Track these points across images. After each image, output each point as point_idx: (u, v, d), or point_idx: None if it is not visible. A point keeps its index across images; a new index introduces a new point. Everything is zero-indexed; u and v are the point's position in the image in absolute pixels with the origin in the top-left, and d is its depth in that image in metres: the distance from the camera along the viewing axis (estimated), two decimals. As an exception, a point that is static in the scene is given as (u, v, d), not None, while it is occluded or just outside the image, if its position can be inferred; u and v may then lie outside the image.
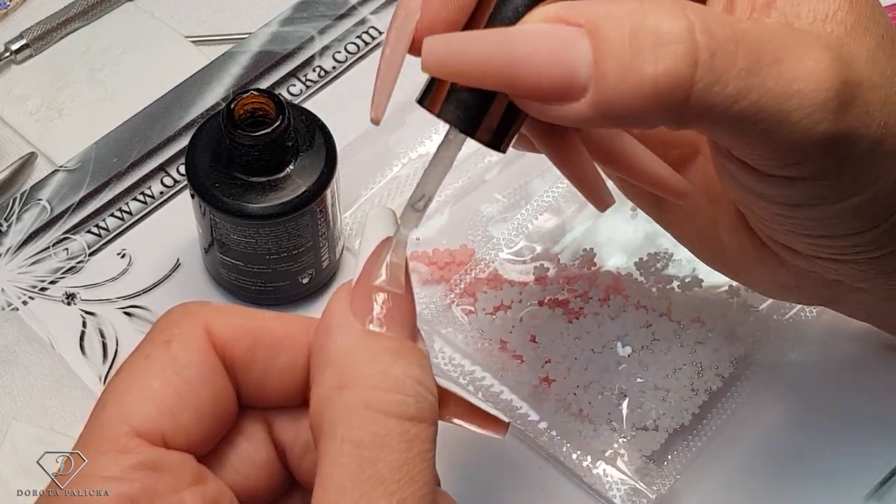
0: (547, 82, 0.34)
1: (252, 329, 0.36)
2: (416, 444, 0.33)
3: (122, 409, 0.34)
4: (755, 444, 0.54)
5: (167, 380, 0.34)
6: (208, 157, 0.54)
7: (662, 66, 0.34)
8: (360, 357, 0.33)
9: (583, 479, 0.52)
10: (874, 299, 0.47)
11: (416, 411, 0.33)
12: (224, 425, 0.36)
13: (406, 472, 0.32)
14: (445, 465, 0.54)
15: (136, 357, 0.35)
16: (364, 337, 0.34)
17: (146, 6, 0.69)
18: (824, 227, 0.41)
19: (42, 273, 0.59)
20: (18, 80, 0.66)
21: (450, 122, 0.36)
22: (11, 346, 0.57)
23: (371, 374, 0.33)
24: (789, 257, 0.45)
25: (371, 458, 0.32)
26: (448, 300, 0.57)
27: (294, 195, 0.53)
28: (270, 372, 0.36)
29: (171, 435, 0.34)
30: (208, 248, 0.56)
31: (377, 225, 0.36)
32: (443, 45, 0.34)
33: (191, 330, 0.35)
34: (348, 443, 0.32)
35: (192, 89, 0.65)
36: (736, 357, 0.55)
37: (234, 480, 0.36)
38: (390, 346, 0.34)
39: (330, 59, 0.67)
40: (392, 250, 0.36)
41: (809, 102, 0.35)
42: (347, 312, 0.34)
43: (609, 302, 0.56)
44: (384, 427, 0.32)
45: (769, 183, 0.39)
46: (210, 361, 0.35)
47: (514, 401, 0.54)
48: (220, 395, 0.35)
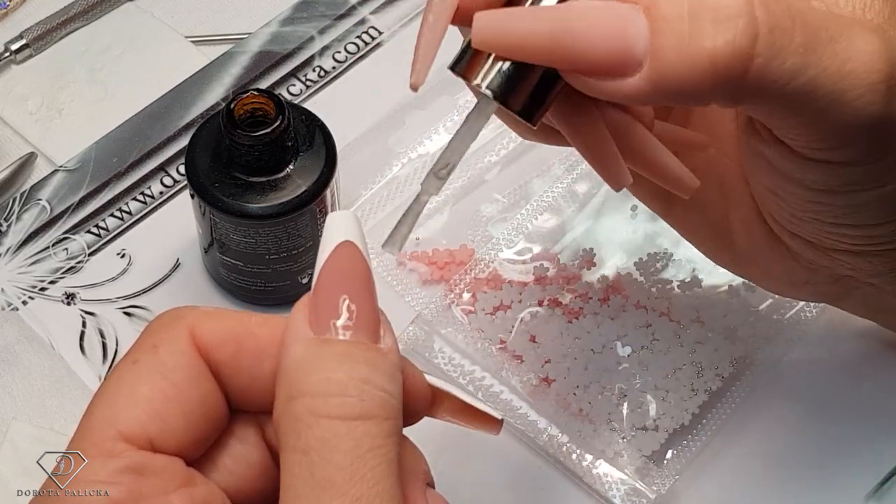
0: (603, 58, 0.35)
1: (237, 335, 0.35)
2: (366, 441, 0.32)
3: (109, 414, 0.34)
4: (755, 444, 0.54)
5: (155, 384, 0.34)
6: (208, 157, 0.54)
7: (722, 40, 0.34)
8: (307, 366, 0.33)
9: (583, 479, 0.52)
10: (881, 294, 0.47)
11: (362, 410, 0.32)
12: (214, 428, 0.36)
13: (356, 469, 0.32)
14: (445, 465, 0.54)
15: (124, 362, 0.35)
16: (313, 346, 0.33)
17: (146, 6, 0.69)
18: (852, 215, 0.41)
19: (42, 273, 0.59)
20: (18, 80, 0.66)
21: (489, 92, 0.37)
22: (11, 346, 0.57)
23: (314, 381, 0.33)
24: (803, 250, 0.45)
25: (320, 462, 0.32)
26: (448, 300, 0.57)
27: (294, 195, 0.53)
28: (256, 378, 0.36)
29: (158, 439, 0.34)
30: (208, 248, 0.56)
31: (334, 229, 0.35)
32: (498, 21, 0.35)
33: (177, 334, 0.35)
34: (298, 451, 0.32)
35: (192, 89, 0.65)
36: (736, 357, 0.55)
37: (228, 483, 0.36)
38: (338, 350, 0.33)
39: (330, 59, 0.67)
40: (347, 249, 0.35)
41: (862, 83, 0.36)
42: (303, 324, 0.34)
43: (609, 302, 0.56)
44: (329, 430, 0.32)
45: (808, 167, 0.39)
46: (196, 366, 0.35)
47: (514, 401, 0.54)
48: (209, 398, 0.35)
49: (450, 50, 0.38)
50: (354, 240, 0.35)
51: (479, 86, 0.37)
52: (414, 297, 0.57)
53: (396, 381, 0.34)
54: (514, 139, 0.62)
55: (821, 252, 0.44)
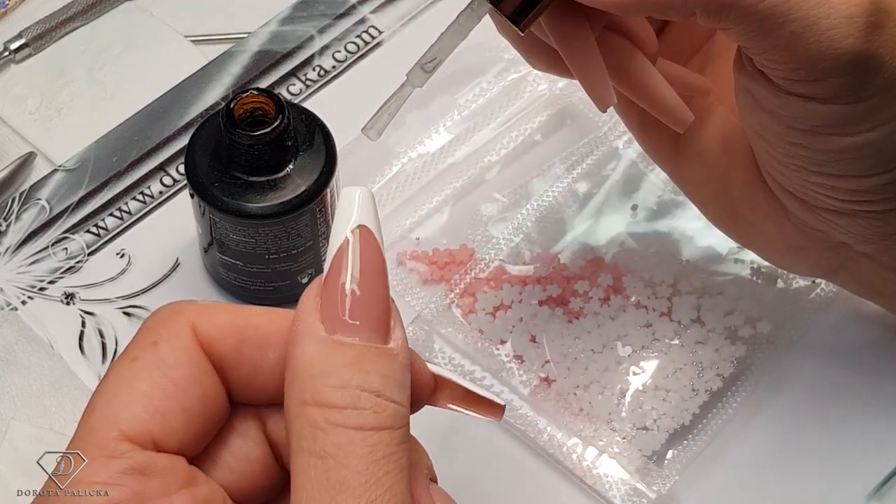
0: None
1: (239, 326, 0.35)
2: (381, 448, 0.33)
3: (110, 414, 0.33)
4: (755, 444, 0.54)
5: (155, 382, 0.34)
6: (208, 157, 0.53)
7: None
8: (321, 371, 0.33)
9: (583, 480, 0.52)
10: (878, 268, 0.47)
11: (376, 422, 0.33)
12: (215, 424, 0.36)
13: (372, 474, 0.32)
14: (445, 464, 0.54)
15: (123, 360, 0.35)
16: (326, 348, 0.33)
17: (146, 6, 0.69)
18: (834, 163, 0.41)
19: (41, 273, 0.59)
20: (17, 79, 0.66)
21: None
22: (10, 346, 0.56)
23: (329, 391, 0.33)
24: (797, 209, 0.45)
25: (336, 465, 0.32)
26: (448, 300, 0.57)
27: (294, 195, 0.53)
28: (260, 369, 0.36)
29: (160, 437, 0.34)
30: (208, 248, 0.56)
31: (348, 211, 0.34)
32: None
33: (177, 330, 0.35)
34: (314, 455, 0.32)
35: (192, 89, 0.65)
36: (736, 357, 0.55)
37: (228, 479, 0.36)
38: (350, 357, 0.33)
39: (330, 58, 0.67)
40: (361, 237, 0.34)
41: (838, 14, 0.36)
42: (314, 317, 0.34)
43: (609, 302, 0.56)
44: (345, 437, 0.32)
45: (788, 103, 0.39)
46: (198, 361, 0.35)
47: (514, 401, 0.54)
48: (210, 394, 0.35)
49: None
50: (368, 222, 0.34)
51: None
52: (414, 297, 0.57)
53: (406, 386, 0.34)
54: (513, 139, 0.62)
55: (813, 213, 0.45)
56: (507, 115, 0.62)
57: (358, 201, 0.34)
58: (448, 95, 0.63)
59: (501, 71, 0.63)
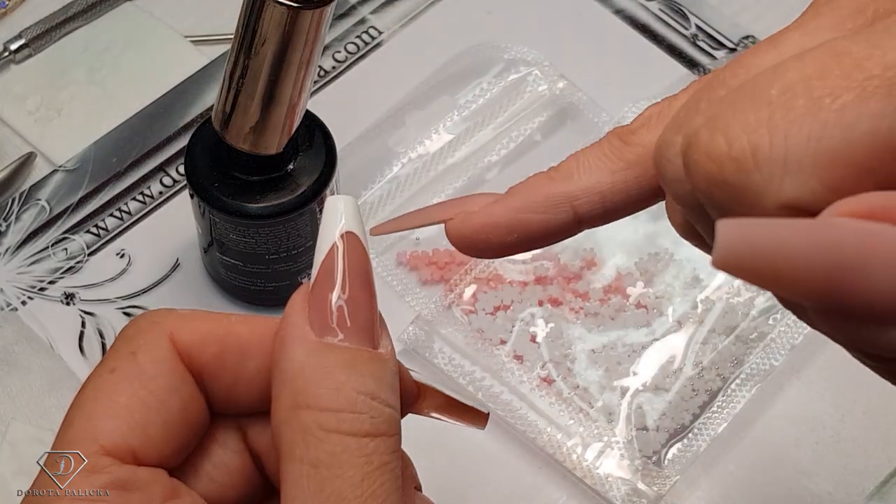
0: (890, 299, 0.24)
1: (219, 335, 0.35)
2: (376, 458, 0.32)
3: (89, 427, 0.33)
4: (755, 444, 0.54)
5: (134, 393, 0.33)
6: (207, 157, 0.53)
7: None
8: (312, 374, 0.33)
9: (583, 480, 0.52)
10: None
11: (372, 427, 0.32)
12: (196, 435, 0.35)
13: (367, 486, 0.32)
14: (443, 465, 0.54)
15: (101, 370, 0.34)
16: (317, 351, 0.33)
17: (145, 6, 0.69)
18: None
19: (41, 273, 0.59)
20: (17, 79, 0.66)
21: None
22: (10, 346, 0.56)
23: (322, 394, 0.32)
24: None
25: (330, 476, 0.31)
26: (448, 300, 0.57)
27: (293, 195, 0.53)
28: (240, 378, 0.35)
29: (141, 450, 0.33)
30: (207, 248, 0.56)
31: (335, 216, 0.34)
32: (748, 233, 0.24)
33: (156, 340, 0.34)
34: (307, 463, 0.32)
35: (192, 89, 0.65)
36: (736, 357, 0.55)
37: (209, 490, 0.35)
38: (344, 359, 0.33)
39: (330, 58, 0.66)
40: (349, 243, 0.34)
41: None
42: (303, 322, 0.33)
43: (609, 302, 0.56)
44: (340, 445, 0.32)
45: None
46: (178, 371, 0.34)
47: (514, 401, 0.54)
48: (190, 405, 0.34)
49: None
50: (355, 229, 0.34)
51: None
52: (414, 297, 0.57)
53: (397, 390, 0.34)
54: (513, 139, 0.62)
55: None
56: (507, 115, 0.62)
57: (343, 209, 0.34)
58: (448, 96, 0.63)
59: (501, 71, 0.63)
